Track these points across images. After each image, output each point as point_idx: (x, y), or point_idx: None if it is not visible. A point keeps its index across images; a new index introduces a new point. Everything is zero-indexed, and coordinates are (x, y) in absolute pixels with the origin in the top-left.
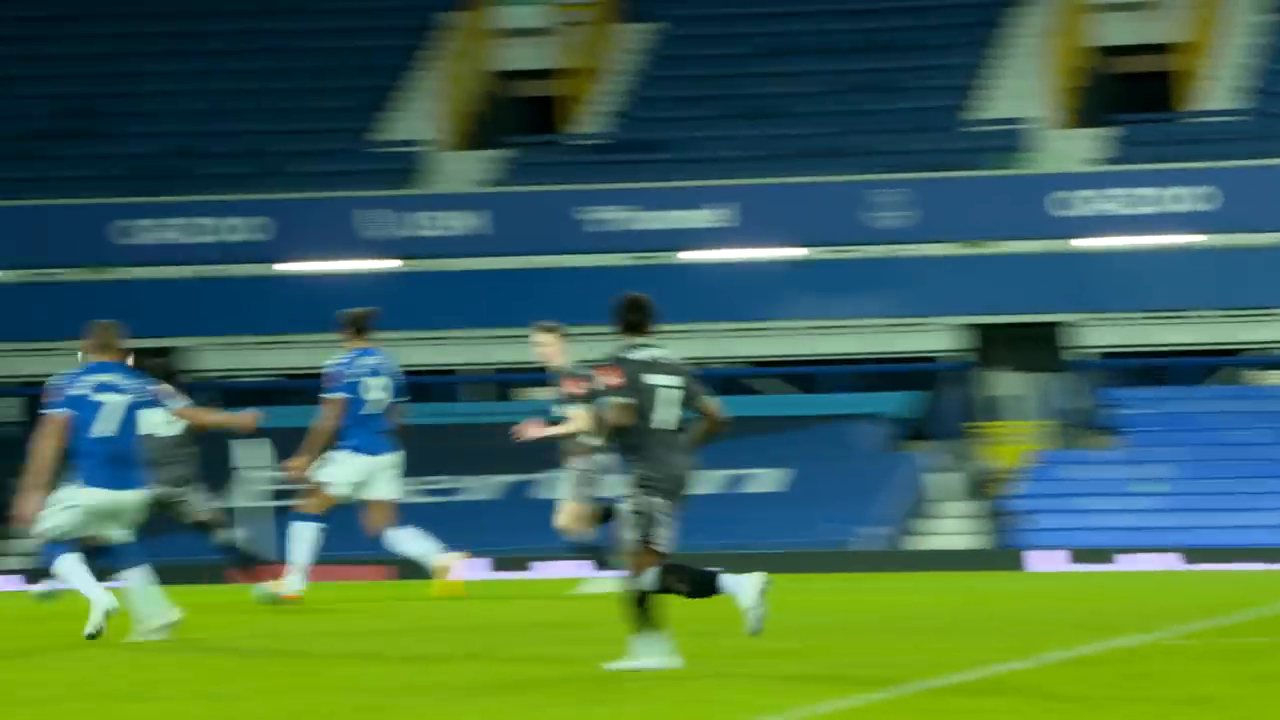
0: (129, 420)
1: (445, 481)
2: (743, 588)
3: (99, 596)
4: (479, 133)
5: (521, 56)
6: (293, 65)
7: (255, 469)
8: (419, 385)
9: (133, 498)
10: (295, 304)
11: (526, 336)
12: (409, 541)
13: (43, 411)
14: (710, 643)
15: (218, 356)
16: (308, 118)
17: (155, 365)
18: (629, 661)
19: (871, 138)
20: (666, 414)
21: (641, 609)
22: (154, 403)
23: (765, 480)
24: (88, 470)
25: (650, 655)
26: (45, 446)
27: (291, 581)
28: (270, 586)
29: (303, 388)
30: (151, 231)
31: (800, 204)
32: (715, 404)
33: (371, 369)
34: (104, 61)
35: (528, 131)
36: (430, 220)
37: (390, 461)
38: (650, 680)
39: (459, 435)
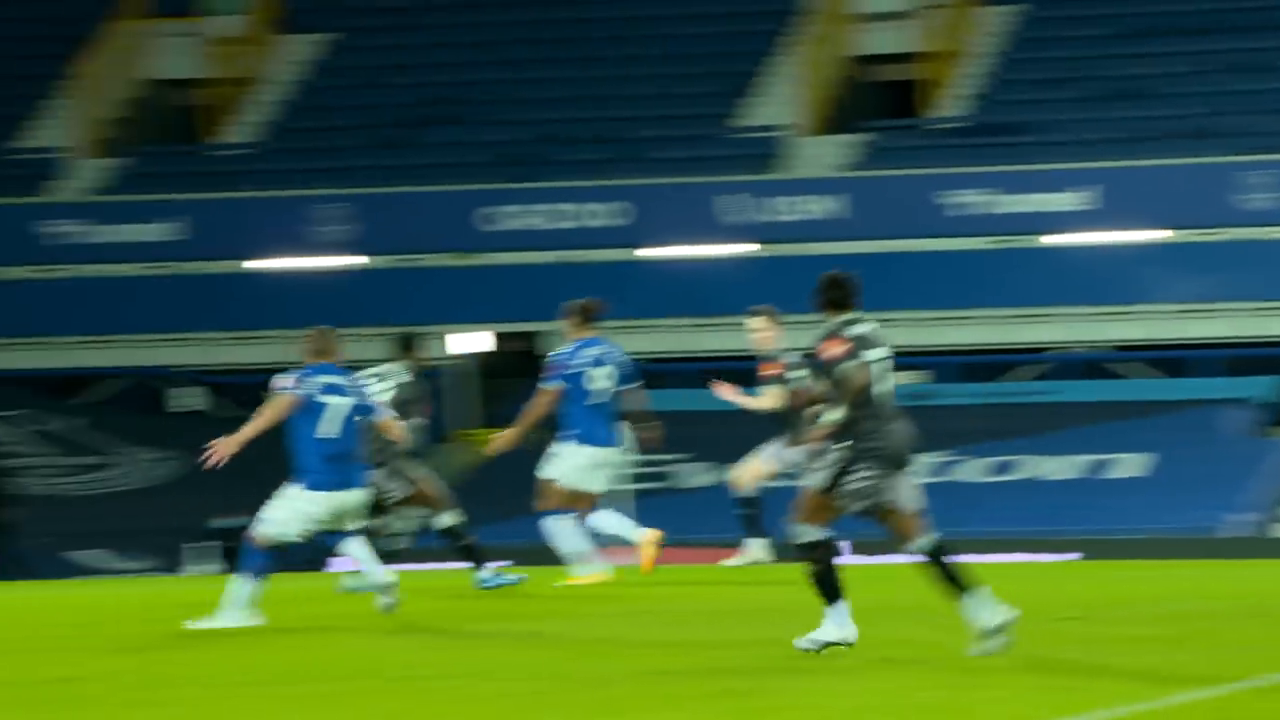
0: (351, 422)
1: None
2: (836, 627)
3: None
4: (838, 117)
5: (881, 41)
6: (654, 51)
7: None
8: None
9: (354, 498)
10: (655, 289)
11: (887, 320)
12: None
13: (276, 391)
14: (1074, 629)
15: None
16: (668, 104)
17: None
18: (819, 636)
19: (1241, 119)
20: (882, 386)
21: (823, 572)
22: (372, 407)
23: (1129, 465)
24: (311, 473)
25: (845, 626)
26: (269, 419)
27: (583, 570)
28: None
29: (664, 372)
30: (515, 218)
31: (1166, 186)
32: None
33: (595, 359)
34: (469, 50)
35: (887, 116)
36: (789, 205)
37: (615, 455)
38: (1009, 668)
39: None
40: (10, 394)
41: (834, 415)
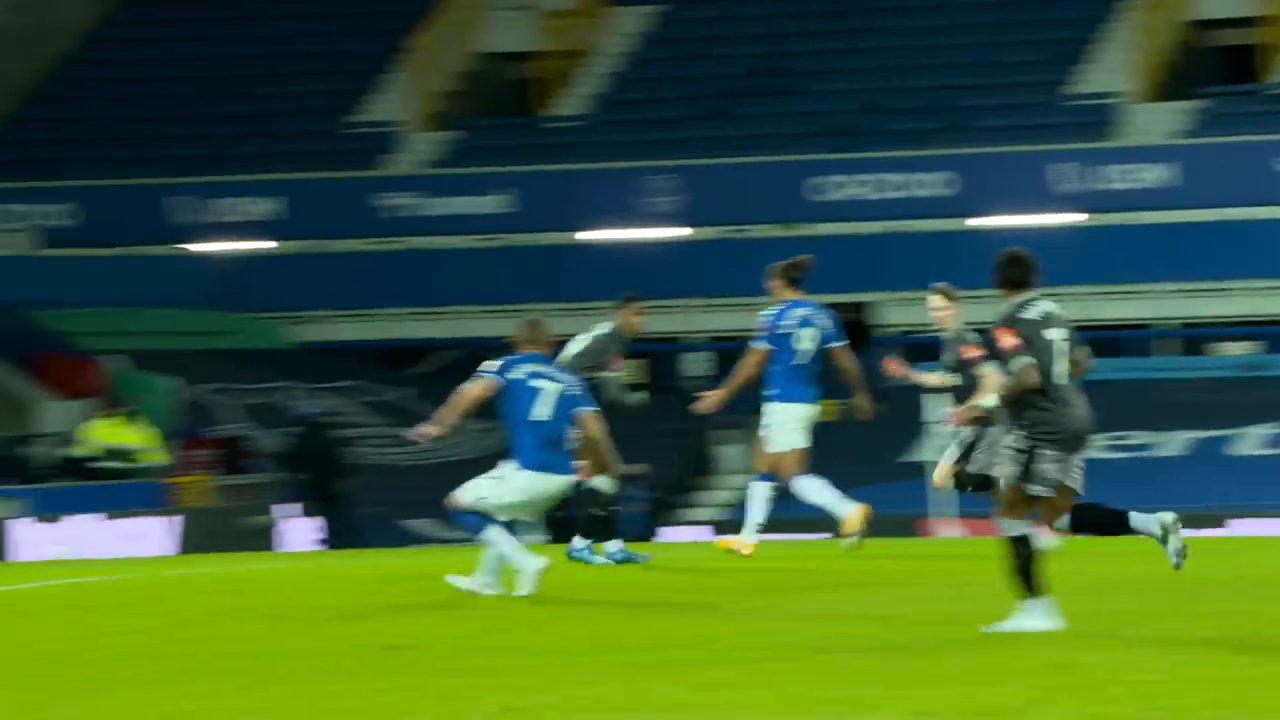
0: (561, 407)
1: (1137, 437)
2: (1153, 525)
3: (528, 561)
4: (1172, 83)
5: (1219, 5)
6: (983, 19)
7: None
8: (1108, 340)
9: (561, 482)
10: (984, 259)
11: (1221, 290)
12: (816, 492)
13: (479, 374)
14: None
15: (904, 311)
16: (997, 71)
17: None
18: (1010, 623)
19: None
20: (1062, 367)
21: (1024, 565)
22: (582, 399)
23: None
24: (524, 453)
25: (1034, 617)
26: (468, 398)
27: (749, 539)
28: (730, 544)
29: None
30: (841, 188)
31: None
32: (1086, 352)
33: (802, 320)
34: (795, 20)
35: (1223, 81)
36: (1121, 173)
37: (815, 412)
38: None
39: (1150, 390)
40: (345, 365)
41: (987, 401)
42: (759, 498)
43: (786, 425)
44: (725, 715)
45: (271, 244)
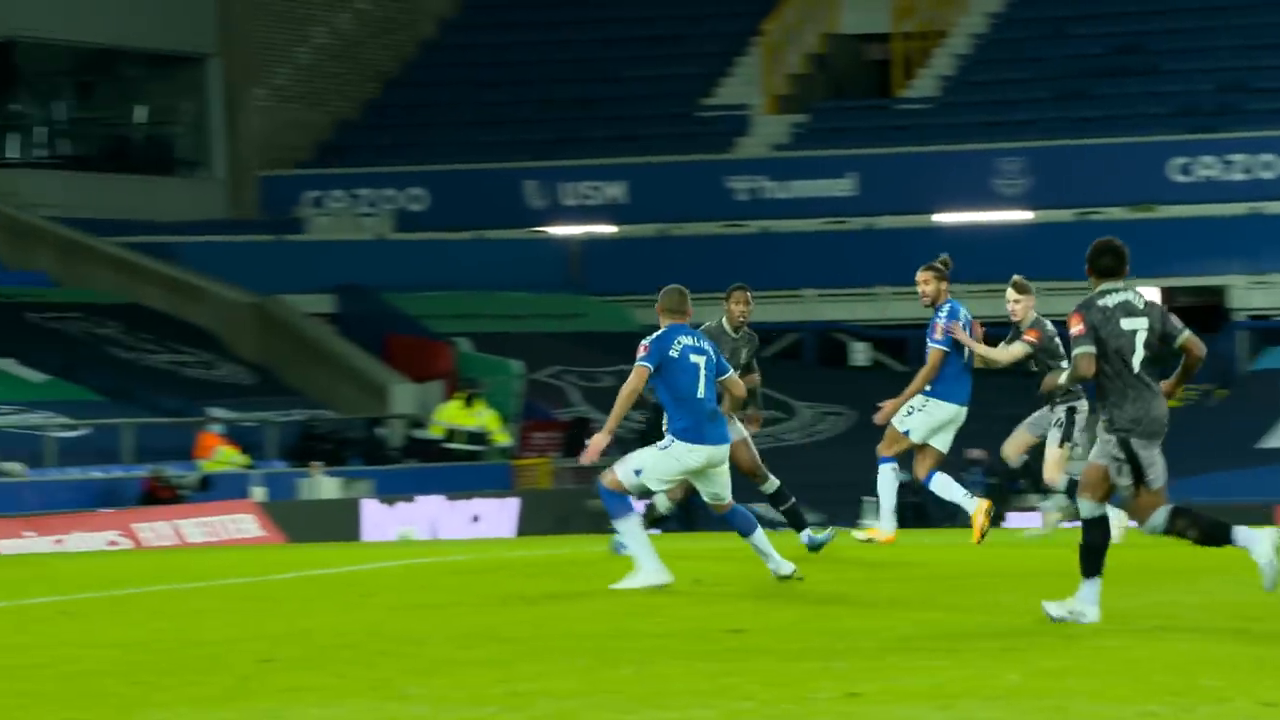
0: (711, 379)
1: None
2: (1257, 541)
3: (654, 568)
4: None
5: None
6: None
7: None
8: None
9: (723, 452)
10: None
11: None
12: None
13: (639, 363)
14: None
15: (1261, 294)
16: None
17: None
18: (1062, 608)
19: None
20: (1141, 357)
21: (1095, 555)
22: (725, 367)
23: None
24: (682, 425)
25: (1092, 604)
26: (629, 395)
27: (887, 527)
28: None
29: None
30: (1201, 169)
31: None
32: (1195, 338)
33: (966, 320)
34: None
35: None
36: None
37: (963, 415)
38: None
39: None
40: None
41: (1062, 378)
42: (890, 483)
43: (937, 422)
44: (1070, 703)
45: (617, 228)
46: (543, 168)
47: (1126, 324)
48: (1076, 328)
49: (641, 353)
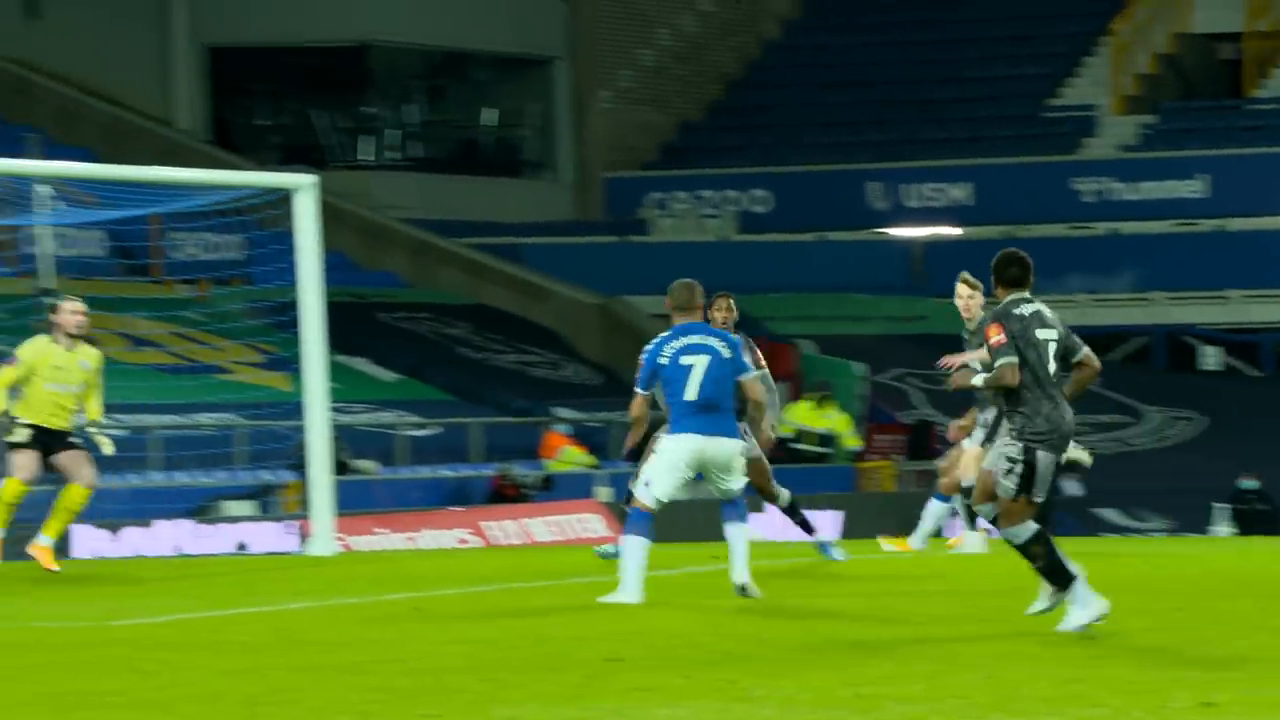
0: (712, 379)
1: None
2: (1081, 607)
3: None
4: None
5: None
6: None
7: None
8: None
9: (718, 445)
10: None
11: None
12: None
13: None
14: None
15: None
16: None
17: None
18: (1074, 618)
19: None
20: (1054, 368)
21: (1052, 559)
22: (743, 367)
23: None
24: (673, 423)
25: (1089, 602)
26: (639, 415)
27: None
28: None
29: None
30: None
31: None
32: (1092, 354)
33: None
34: None
35: None
36: None
37: None
38: None
39: None
40: None
41: (976, 380)
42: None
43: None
44: None
45: (961, 230)
46: (886, 169)
47: (1041, 334)
48: (997, 337)
49: (638, 374)
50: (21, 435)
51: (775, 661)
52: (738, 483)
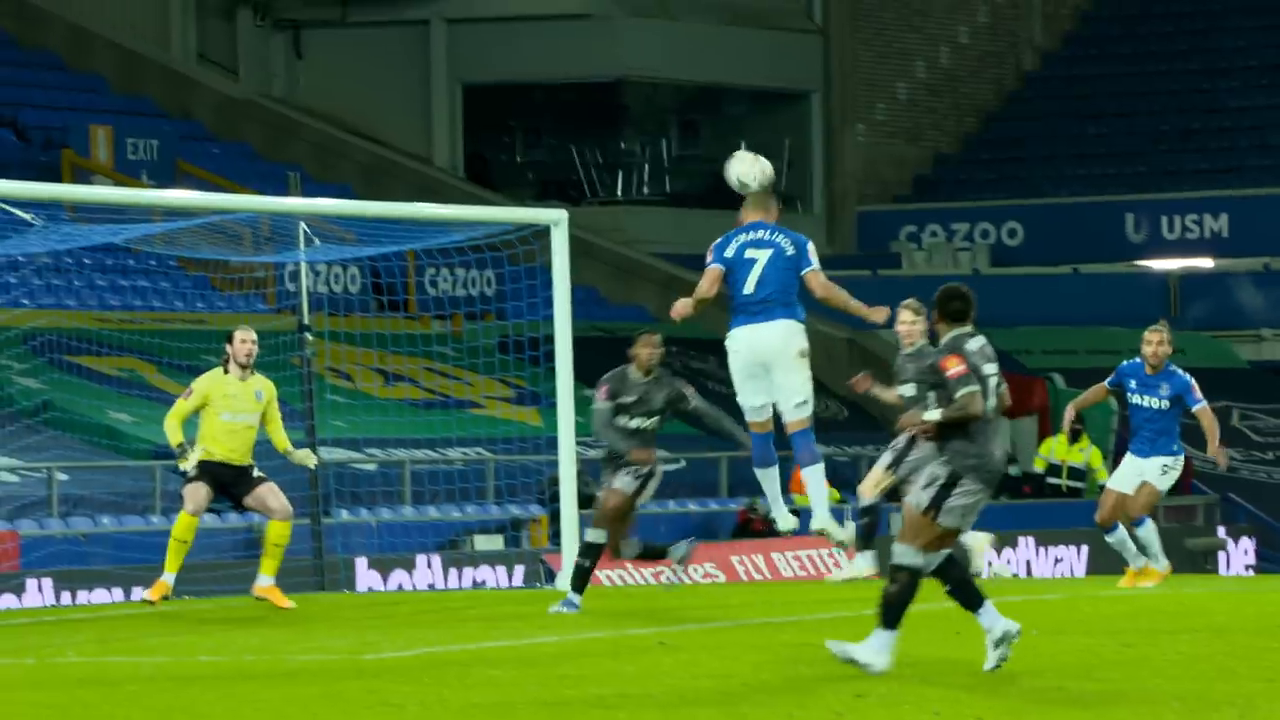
0: (771, 274)
1: None
2: (996, 626)
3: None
4: None
5: None
6: None
7: None
8: None
9: (762, 336)
10: None
11: None
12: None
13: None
14: None
15: None
16: None
17: None
18: (851, 650)
19: None
20: (992, 403)
21: (902, 597)
22: (807, 262)
23: None
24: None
25: (881, 654)
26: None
27: (1158, 564)
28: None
29: None
30: None
31: None
32: (1005, 391)
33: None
34: None
35: None
36: None
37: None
38: None
39: None
40: None
41: (933, 415)
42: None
43: (1176, 474)
44: None
45: (1215, 261)
46: (1143, 200)
47: (987, 368)
48: (958, 368)
49: (708, 257)
50: (190, 465)
51: (1020, 699)
52: (789, 401)
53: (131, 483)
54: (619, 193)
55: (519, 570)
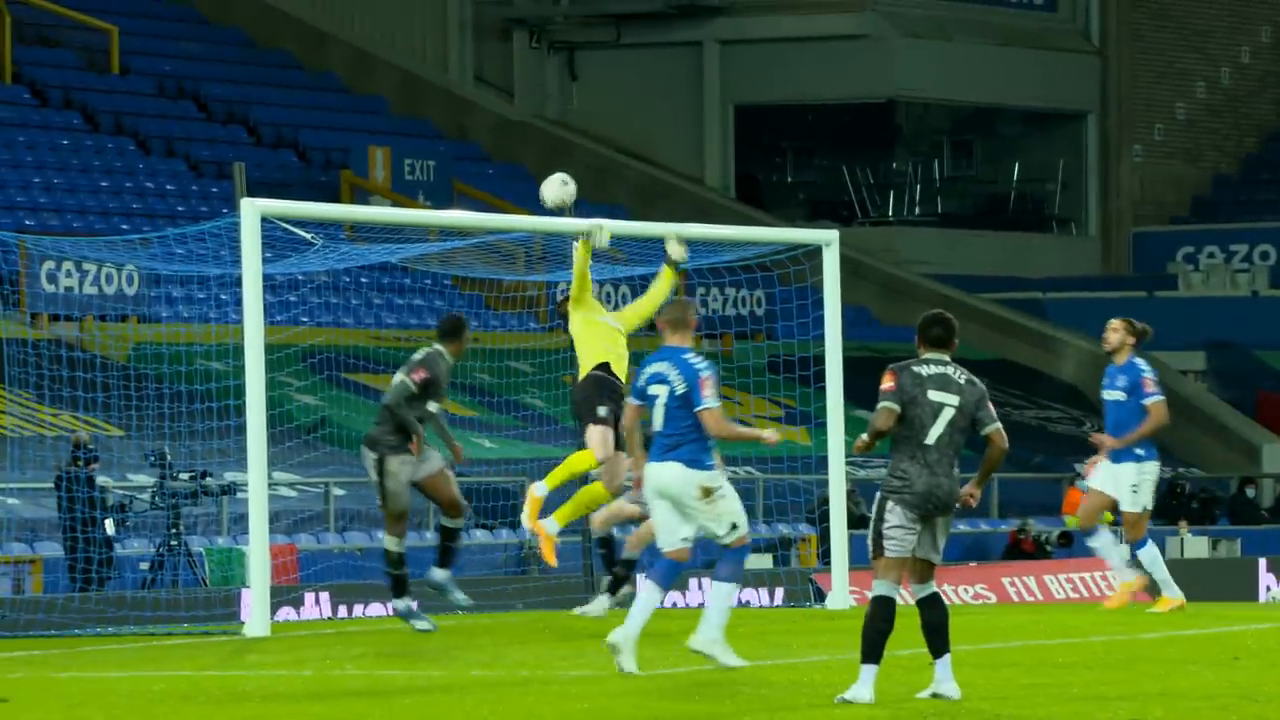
0: (670, 412)
1: None
2: (943, 683)
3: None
4: None
5: None
6: None
7: None
8: None
9: (660, 473)
10: None
11: None
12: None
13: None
14: None
15: None
16: None
17: None
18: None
19: None
20: (938, 432)
21: (877, 629)
22: (696, 400)
23: None
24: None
25: (864, 688)
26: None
27: (1170, 592)
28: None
29: None
30: None
31: None
32: (1001, 432)
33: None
34: None
35: None
36: None
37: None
38: None
39: None
40: None
41: (863, 436)
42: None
43: (1149, 485)
44: None
45: None
46: None
47: (935, 396)
48: (888, 383)
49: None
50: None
51: None
52: (718, 526)
53: None
54: (890, 213)
55: (779, 591)
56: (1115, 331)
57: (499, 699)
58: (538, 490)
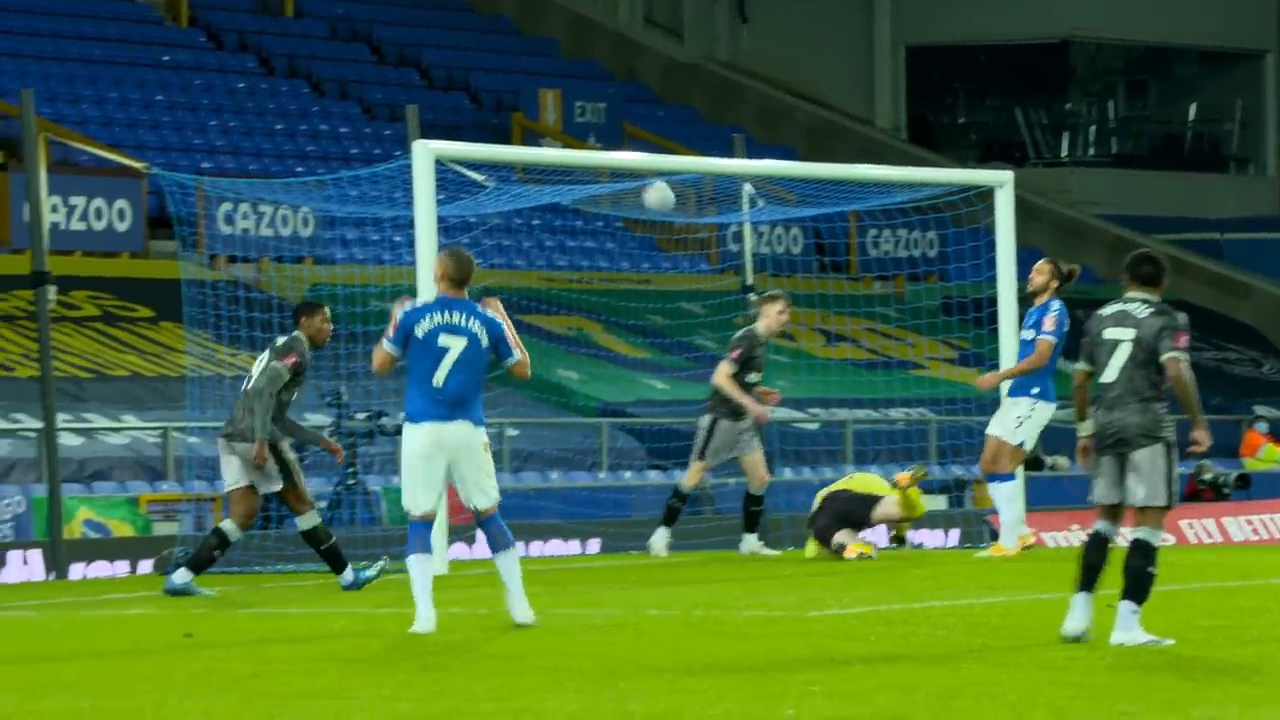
0: (463, 367)
1: None
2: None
3: None
4: None
5: None
6: None
7: None
8: None
9: (456, 432)
10: None
11: None
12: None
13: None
14: None
15: None
16: None
17: None
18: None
19: None
20: (1117, 368)
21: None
22: (505, 352)
23: None
24: (412, 410)
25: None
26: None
27: (1007, 540)
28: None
29: None
30: None
31: None
32: (1174, 357)
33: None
34: None
35: None
36: None
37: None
38: None
39: None
40: None
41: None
42: (1016, 497)
43: (1037, 425)
44: None
45: None
46: None
47: (1110, 333)
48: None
49: (390, 331)
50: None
51: None
52: (479, 493)
53: (579, 439)
54: (1064, 154)
55: (954, 533)
56: (1040, 274)
57: (675, 638)
58: None
